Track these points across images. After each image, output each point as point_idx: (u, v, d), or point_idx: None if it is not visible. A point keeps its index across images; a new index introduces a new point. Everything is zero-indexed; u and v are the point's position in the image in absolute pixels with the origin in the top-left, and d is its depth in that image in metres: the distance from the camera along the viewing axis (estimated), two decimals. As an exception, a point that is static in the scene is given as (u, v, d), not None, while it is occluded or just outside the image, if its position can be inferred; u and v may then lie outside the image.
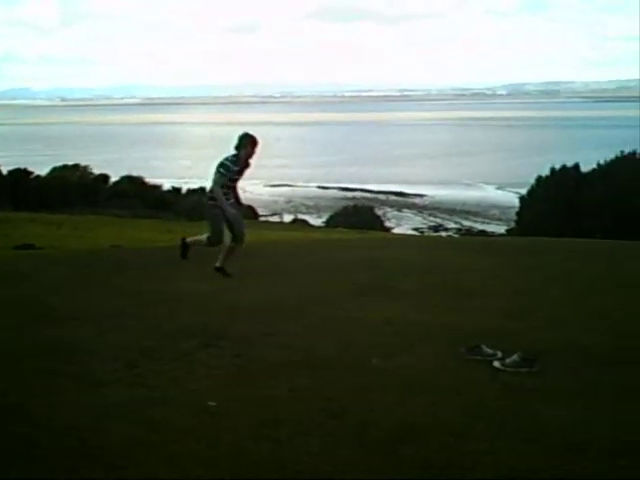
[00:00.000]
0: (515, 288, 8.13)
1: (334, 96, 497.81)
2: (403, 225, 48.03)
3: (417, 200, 58.53)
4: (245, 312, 6.65)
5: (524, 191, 40.40)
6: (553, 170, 38.41)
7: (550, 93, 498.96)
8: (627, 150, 37.71)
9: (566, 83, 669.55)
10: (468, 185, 68.16)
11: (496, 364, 5.04)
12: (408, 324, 6.20)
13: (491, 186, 67.50)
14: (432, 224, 49.92)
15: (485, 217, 52.75)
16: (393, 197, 60.11)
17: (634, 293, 7.92)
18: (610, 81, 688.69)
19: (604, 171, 37.10)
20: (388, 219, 48.61)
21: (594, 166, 38.25)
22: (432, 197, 60.19)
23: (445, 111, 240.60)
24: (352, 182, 68.52)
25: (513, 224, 40.52)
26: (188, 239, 9.12)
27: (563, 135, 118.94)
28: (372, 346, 5.47)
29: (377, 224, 35.13)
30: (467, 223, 50.47)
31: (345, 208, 43.37)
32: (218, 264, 8.54)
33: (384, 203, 55.99)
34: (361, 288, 7.97)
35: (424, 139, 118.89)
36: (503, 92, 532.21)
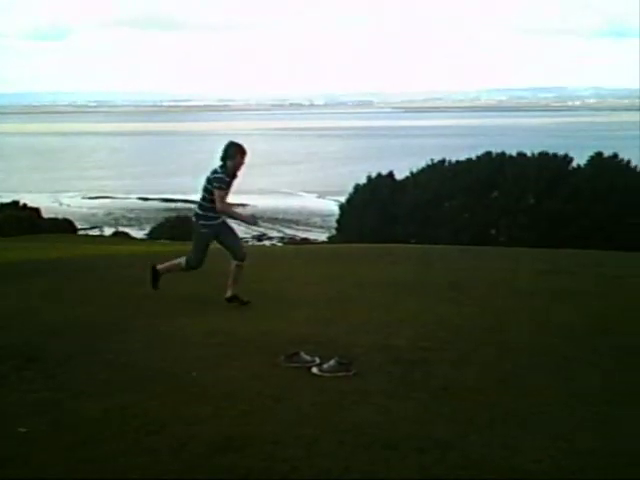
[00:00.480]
0: (331, 295, 8.36)
1: (153, 106, 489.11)
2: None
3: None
4: (63, 331, 6.41)
5: (343, 199, 41.76)
6: (369, 178, 39.99)
7: (364, 104, 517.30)
8: (437, 158, 40.07)
9: (379, 94, 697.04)
10: (288, 194, 69.37)
11: (314, 370, 5.18)
12: (229, 335, 6.23)
13: (311, 195, 69.12)
14: (256, 233, 50.38)
15: (307, 225, 53.98)
16: (215, 207, 59.81)
17: (442, 296, 8.40)
18: (419, 92, 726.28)
19: (416, 178, 39.13)
20: (211, 229, 48.37)
21: (407, 174, 40.24)
22: (254, 206, 60.61)
23: (264, 121, 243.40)
24: (173, 193, 67.72)
25: (334, 231, 41.75)
26: (159, 266, 8.00)
27: (378, 144, 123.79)
28: (193, 359, 5.45)
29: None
30: (290, 231, 51.44)
31: (167, 220, 42.80)
32: (229, 294, 7.76)
33: (207, 213, 55.61)
34: (184, 301, 7.92)
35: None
36: (320, 103, 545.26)
